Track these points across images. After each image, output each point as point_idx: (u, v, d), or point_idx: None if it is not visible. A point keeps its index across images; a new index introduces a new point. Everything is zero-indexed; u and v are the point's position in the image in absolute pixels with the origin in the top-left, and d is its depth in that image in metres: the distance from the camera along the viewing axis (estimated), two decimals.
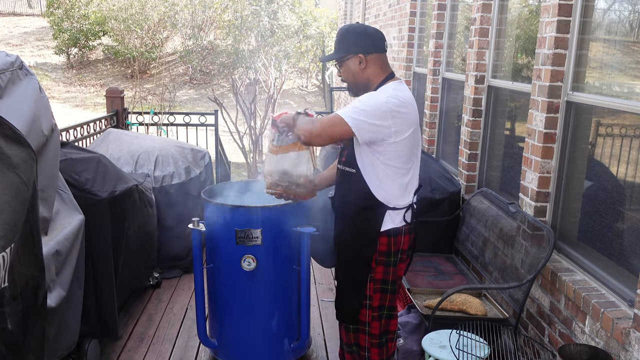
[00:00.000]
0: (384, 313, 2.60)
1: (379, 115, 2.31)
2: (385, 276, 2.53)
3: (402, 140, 2.37)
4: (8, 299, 1.58)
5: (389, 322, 2.65)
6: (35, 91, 2.61)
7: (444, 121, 5.28)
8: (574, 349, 2.33)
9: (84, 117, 7.07)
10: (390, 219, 2.47)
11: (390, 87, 2.45)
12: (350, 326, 2.67)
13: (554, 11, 3.02)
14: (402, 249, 2.53)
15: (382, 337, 2.63)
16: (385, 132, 2.32)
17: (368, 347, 2.64)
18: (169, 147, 4.68)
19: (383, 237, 2.47)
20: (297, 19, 15.79)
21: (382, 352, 2.67)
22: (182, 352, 3.44)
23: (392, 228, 2.47)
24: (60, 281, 2.55)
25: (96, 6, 17.17)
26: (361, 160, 2.43)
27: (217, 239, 3.08)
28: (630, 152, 2.71)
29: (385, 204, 2.45)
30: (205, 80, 17.42)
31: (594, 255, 2.86)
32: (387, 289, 2.56)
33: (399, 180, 2.45)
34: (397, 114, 2.34)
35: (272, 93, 8.21)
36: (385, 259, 2.51)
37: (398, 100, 2.37)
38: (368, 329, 2.61)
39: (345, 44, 2.49)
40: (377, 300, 2.57)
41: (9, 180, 1.62)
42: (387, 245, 2.49)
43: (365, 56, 2.45)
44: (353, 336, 2.69)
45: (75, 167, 3.17)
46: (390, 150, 2.37)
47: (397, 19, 6.65)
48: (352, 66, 2.48)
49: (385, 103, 2.33)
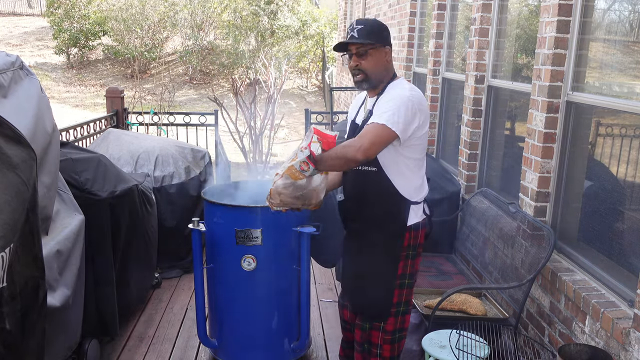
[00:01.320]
0: (400, 309, 2.64)
1: (412, 112, 2.39)
2: (404, 270, 2.59)
3: (423, 135, 2.49)
4: (7, 298, 1.57)
5: (404, 318, 2.68)
6: (37, 91, 2.61)
7: (443, 121, 5.28)
8: (574, 348, 2.33)
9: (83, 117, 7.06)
10: (414, 213, 2.55)
11: (405, 83, 2.55)
12: (367, 325, 2.68)
13: (554, 11, 3.02)
14: (420, 242, 2.60)
15: (395, 334, 2.66)
16: (416, 126, 2.42)
17: (380, 344, 2.66)
18: (169, 147, 4.68)
19: (407, 232, 2.54)
20: (297, 19, 15.79)
21: (394, 349, 2.69)
22: (182, 352, 3.44)
23: (414, 222, 2.54)
24: (64, 281, 2.55)
25: (96, 6, 17.17)
26: (383, 158, 2.45)
27: (217, 239, 3.07)
28: (630, 152, 2.71)
29: (409, 198, 2.51)
30: (205, 80, 17.42)
31: (594, 255, 2.86)
32: (404, 283, 2.61)
33: (419, 173, 2.55)
34: (421, 106, 2.44)
35: (272, 93, 8.20)
36: (405, 254, 2.57)
37: (418, 93, 2.48)
38: (383, 325, 2.64)
39: (377, 35, 2.49)
40: (396, 296, 2.61)
41: (9, 180, 1.62)
42: (408, 239, 2.56)
43: (390, 50, 2.54)
44: (367, 334, 2.70)
45: (75, 167, 3.17)
46: (416, 144, 2.46)
47: (397, 18, 6.65)
48: (382, 57, 2.51)
49: (410, 99, 2.40)
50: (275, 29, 15.39)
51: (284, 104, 14.67)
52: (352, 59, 2.51)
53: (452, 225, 4.15)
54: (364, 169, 2.53)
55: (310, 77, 17.93)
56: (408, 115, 2.37)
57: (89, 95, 16.30)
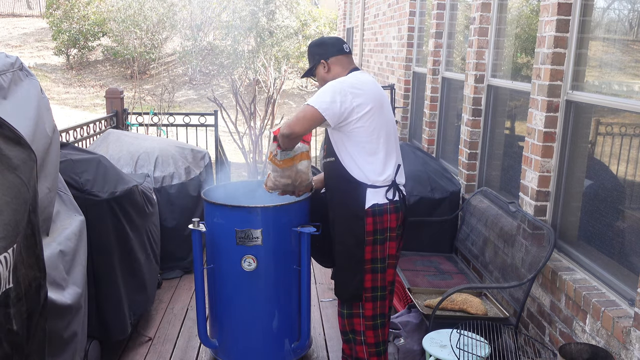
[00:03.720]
0: (378, 294, 2.76)
1: (338, 93, 2.61)
2: (373, 255, 2.72)
3: (364, 117, 2.64)
4: (14, 299, 1.57)
5: (383, 303, 2.80)
6: (37, 92, 2.61)
7: (443, 121, 5.28)
8: (574, 348, 2.33)
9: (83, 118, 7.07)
10: (372, 196, 2.69)
11: (348, 76, 2.77)
12: (344, 311, 2.84)
13: (554, 10, 3.02)
14: (389, 226, 2.72)
15: (376, 319, 2.79)
16: (346, 107, 2.60)
17: (363, 330, 2.80)
18: (169, 147, 4.67)
19: (369, 217, 2.68)
20: (296, 19, 15.78)
21: (378, 335, 2.81)
22: (182, 353, 3.44)
23: (375, 204, 2.68)
24: (72, 279, 2.57)
25: (95, 7, 17.17)
26: (336, 146, 2.73)
27: (217, 239, 3.08)
28: (630, 151, 2.71)
29: (364, 182, 2.69)
30: (205, 80, 17.41)
31: (594, 254, 2.86)
32: (377, 267, 2.73)
33: (372, 157, 2.69)
34: (353, 89, 2.64)
35: (271, 93, 8.21)
36: (372, 238, 2.70)
37: (353, 80, 2.71)
38: (362, 311, 2.77)
39: (310, 57, 2.89)
40: (369, 281, 2.74)
41: (10, 182, 1.62)
42: (372, 224, 2.69)
43: (327, 61, 2.82)
44: (348, 322, 2.85)
45: (75, 168, 3.16)
46: (356, 128, 2.64)
47: (397, 18, 6.65)
48: (320, 72, 2.85)
49: (340, 83, 2.67)
50: (273, 29, 15.38)
51: (283, 104, 14.67)
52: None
53: (452, 224, 4.15)
54: (327, 161, 2.80)
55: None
56: (333, 95, 2.60)
57: (88, 96, 16.30)
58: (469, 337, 2.66)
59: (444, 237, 4.15)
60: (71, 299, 2.48)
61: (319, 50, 2.86)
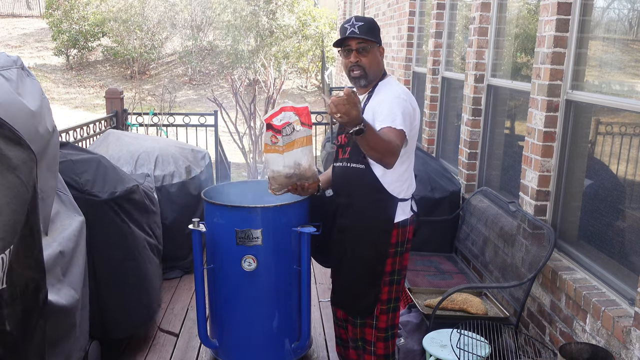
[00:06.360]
0: (391, 306, 2.65)
1: (411, 111, 2.46)
2: (393, 267, 2.60)
3: (416, 129, 2.53)
4: (7, 300, 1.57)
5: (395, 315, 2.69)
6: (40, 91, 2.62)
7: (443, 120, 5.28)
8: (574, 347, 2.33)
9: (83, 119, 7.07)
10: (402, 210, 2.56)
11: (394, 82, 2.61)
12: (357, 321, 2.69)
13: (553, 10, 3.02)
14: (408, 238, 2.61)
15: (387, 331, 2.67)
16: (414, 125, 2.49)
17: (374, 341, 2.67)
18: (169, 147, 4.67)
19: (395, 229, 2.54)
20: (296, 19, 15.78)
21: (388, 347, 2.70)
22: (183, 353, 3.44)
23: (402, 219, 2.55)
24: (68, 281, 2.55)
25: (95, 7, 17.17)
26: None
27: (217, 239, 3.08)
28: (630, 151, 2.71)
29: (396, 195, 2.52)
30: (205, 80, 17.42)
31: (594, 253, 2.86)
32: (394, 279, 2.62)
33: (407, 170, 2.55)
34: (413, 103, 2.51)
35: (271, 93, 8.21)
36: (393, 250, 2.57)
37: (409, 93, 2.56)
38: (376, 322, 2.65)
39: (375, 33, 2.54)
40: (386, 293, 2.62)
41: (9, 182, 1.62)
42: (396, 236, 2.56)
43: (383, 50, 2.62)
44: (360, 331, 2.70)
45: (75, 169, 3.16)
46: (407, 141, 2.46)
47: (397, 18, 6.65)
48: (376, 54, 2.55)
49: (405, 100, 2.46)
50: (274, 28, 15.39)
51: (283, 104, 14.65)
52: (352, 54, 2.51)
53: (452, 224, 4.14)
54: (352, 166, 2.56)
55: (310, 77, 17.93)
56: (410, 113, 2.44)
57: (88, 96, 16.31)
58: (469, 337, 2.66)
59: (444, 237, 4.15)
60: (68, 300, 2.47)
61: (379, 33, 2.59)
